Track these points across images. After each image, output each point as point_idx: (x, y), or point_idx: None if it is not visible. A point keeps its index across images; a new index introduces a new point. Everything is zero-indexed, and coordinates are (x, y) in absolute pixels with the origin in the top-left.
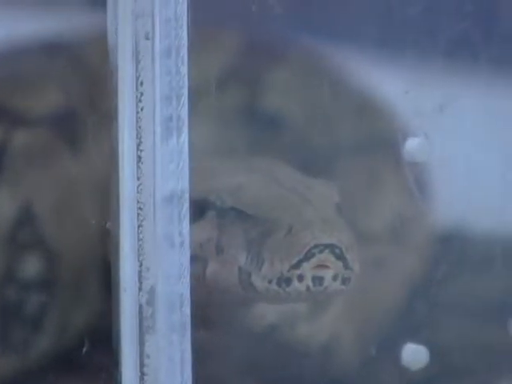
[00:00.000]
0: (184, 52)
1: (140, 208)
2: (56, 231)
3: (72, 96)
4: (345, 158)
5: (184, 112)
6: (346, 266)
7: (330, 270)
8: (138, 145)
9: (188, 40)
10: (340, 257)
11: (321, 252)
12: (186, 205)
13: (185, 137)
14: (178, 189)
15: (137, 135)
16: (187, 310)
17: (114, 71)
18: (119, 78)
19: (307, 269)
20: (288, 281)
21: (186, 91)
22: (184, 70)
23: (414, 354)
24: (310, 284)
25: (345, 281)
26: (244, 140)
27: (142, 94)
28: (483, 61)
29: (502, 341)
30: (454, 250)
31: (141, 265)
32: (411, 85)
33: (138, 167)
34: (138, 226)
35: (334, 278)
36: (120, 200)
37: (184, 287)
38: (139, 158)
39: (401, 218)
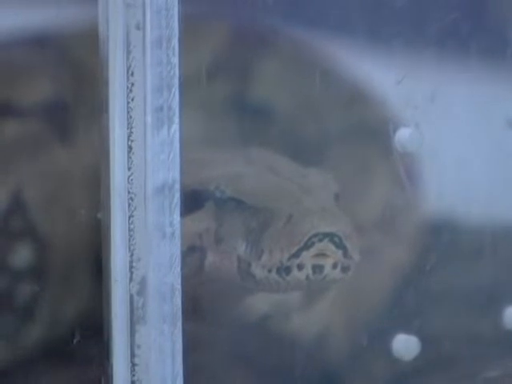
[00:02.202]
0: (175, 42)
1: (131, 198)
2: (47, 221)
3: (62, 87)
4: (335, 148)
5: (175, 102)
6: (346, 255)
7: (329, 259)
8: (129, 135)
9: (179, 30)
10: (339, 245)
11: (320, 241)
12: (177, 195)
13: (176, 127)
14: (169, 179)
15: (128, 125)
16: (178, 301)
17: (105, 62)
18: (110, 69)
19: (307, 258)
20: (288, 270)
21: (176, 81)
22: (175, 60)
23: (406, 345)
24: (310, 273)
25: (344, 269)
26: (235, 130)
27: (132, 84)
28: (473, 51)
29: (492, 330)
30: (444, 239)
31: (132, 255)
32: (402, 75)
33: (129, 157)
34: (129, 217)
35: (334, 266)
36: (111, 190)
37: (175, 277)
38: (130, 148)
39: (391, 208)
